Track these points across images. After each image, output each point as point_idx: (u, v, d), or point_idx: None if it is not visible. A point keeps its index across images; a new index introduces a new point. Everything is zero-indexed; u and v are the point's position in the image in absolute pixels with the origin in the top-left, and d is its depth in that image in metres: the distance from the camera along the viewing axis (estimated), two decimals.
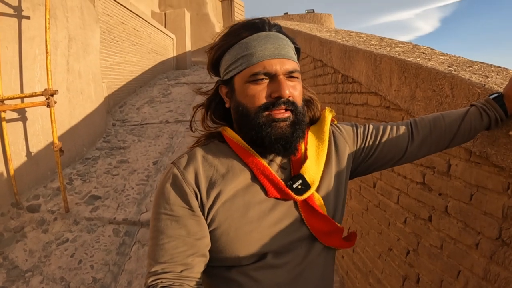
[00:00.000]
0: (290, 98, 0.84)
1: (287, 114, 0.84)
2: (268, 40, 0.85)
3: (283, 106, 0.83)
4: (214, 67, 0.95)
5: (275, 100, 0.83)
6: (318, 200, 0.89)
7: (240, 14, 20.50)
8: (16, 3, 4.49)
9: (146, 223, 4.29)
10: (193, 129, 0.98)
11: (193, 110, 1.00)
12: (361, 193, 2.74)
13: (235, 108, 0.90)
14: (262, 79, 0.84)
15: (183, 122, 7.71)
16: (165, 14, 14.55)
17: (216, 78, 0.98)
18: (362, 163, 1.04)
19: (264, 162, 0.88)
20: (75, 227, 4.23)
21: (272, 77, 0.84)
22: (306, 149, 0.94)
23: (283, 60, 0.84)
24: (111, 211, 4.53)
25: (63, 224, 4.26)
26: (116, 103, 8.64)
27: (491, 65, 1.65)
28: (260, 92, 0.84)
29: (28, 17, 4.61)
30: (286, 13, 22.23)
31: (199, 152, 0.90)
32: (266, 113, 0.84)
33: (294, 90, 0.86)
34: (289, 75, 0.85)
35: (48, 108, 4.38)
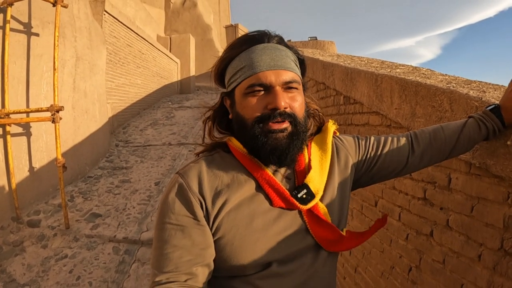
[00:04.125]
0: (288, 110, 0.84)
1: (285, 125, 0.84)
2: (265, 51, 0.85)
3: (279, 118, 0.83)
4: (220, 78, 0.97)
5: (271, 112, 0.83)
6: (322, 209, 0.90)
7: None
8: (26, 20, 4.56)
9: (146, 242, 4.26)
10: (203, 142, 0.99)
11: (203, 123, 1.00)
12: (362, 212, 2.74)
13: (235, 119, 0.91)
14: (258, 91, 0.84)
15: (186, 144, 7.76)
16: (170, 38, 14.86)
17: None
18: (365, 174, 1.06)
19: (269, 172, 0.88)
20: (75, 243, 4.20)
21: (268, 88, 0.84)
22: (309, 159, 0.95)
23: (279, 71, 0.84)
24: (111, 229, 4.50)
25: (62, 240, 4.23)
26: (120, 124, 8.72)
27: (489, 83, 1.69)
28: (256, 104, 0.84)
29: (37, 34, 4.70)
30: (289, 41, 22.62)
31: (204, 162, 0.90)
32: (262, 124, 0.83)
33: (292, 101, 0.85)
34: (287, 86, 0.85)
35: (53, 125, 4.44)
